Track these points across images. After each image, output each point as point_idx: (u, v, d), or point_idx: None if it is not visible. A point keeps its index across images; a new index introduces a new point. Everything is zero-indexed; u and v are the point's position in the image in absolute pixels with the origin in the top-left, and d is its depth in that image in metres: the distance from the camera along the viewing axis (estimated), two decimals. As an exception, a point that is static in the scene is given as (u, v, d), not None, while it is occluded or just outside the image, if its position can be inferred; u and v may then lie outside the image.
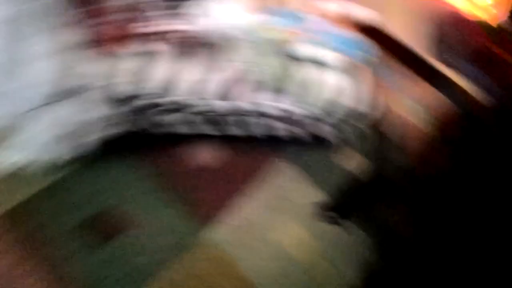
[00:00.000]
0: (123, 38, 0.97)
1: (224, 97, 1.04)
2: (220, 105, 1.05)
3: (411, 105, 1.57)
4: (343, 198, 1.23)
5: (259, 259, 1.19)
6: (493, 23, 1.68)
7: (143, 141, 1.25)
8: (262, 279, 1.16)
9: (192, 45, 1.01)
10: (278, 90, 1.03)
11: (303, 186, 1.32)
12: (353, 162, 1.38)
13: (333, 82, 1.08)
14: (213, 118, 1.11)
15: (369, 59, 1.12)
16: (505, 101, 1.08)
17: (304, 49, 1.07)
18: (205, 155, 1.30)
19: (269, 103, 1.06)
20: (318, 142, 1.28)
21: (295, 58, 1.03)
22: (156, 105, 1.03)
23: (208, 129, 1.17)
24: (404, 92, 1.61)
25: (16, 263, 1.01)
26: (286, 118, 1.12)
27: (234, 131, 1.19)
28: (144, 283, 1.07)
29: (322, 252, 1.23)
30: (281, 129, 1.18)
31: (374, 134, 1.24)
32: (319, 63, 1.09)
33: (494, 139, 0.88)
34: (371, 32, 1.68)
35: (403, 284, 0.96)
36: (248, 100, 1.05)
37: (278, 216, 1.26)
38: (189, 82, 1.01)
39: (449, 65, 1.69)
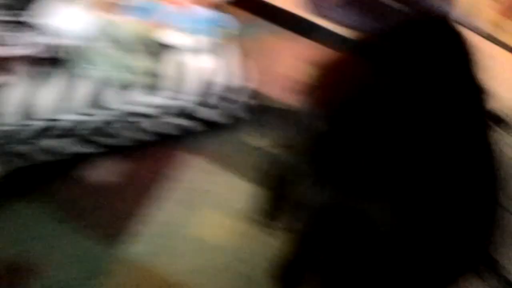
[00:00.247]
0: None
1: (96, 106, 0.99)
2: (96, 115, 1.00)
3: (295, 63, 1.59)
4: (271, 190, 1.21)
5: (184, 258, 1.17)
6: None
7: (36, 174, 1.18)
8: (192, 277, 1.14)
9: (46, 63, 0.95)
10: (150, 87, 0.99)
11: (213, 174, 1.31)
12: (256, 138, 1.39)
13: (202, 65, 1.06)
14: (99, 130, 1.06)
15: (232, 32, 1.10)
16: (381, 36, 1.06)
17: (167, 39, 1.04)
18: (106, 171, 1.25)
19: (144, 101, 1.02)
20: (214, 127, 1.27)
21: (159, 51, 0.99)
22: (24, 134, 0.97)
23: (99, 143, 1.12)
24: (286, 52, 1.62)
25: None
26: (171, 113, 1.09)
27: (125, 138, 1.14)
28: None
29: (247, 232, 1.23)
30: (172, 125, 1.14)
31: (260, 104, 1.24)
32: (185, 50, 1.06)
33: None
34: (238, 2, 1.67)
35: (332, 253, 0.95)
36: (122, 104, 1.01)
37: (194, 211, 1.24)
38: (51, 102, 0.95)
39: (325, 17, 1.72)
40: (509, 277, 1.26)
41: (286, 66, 1.60)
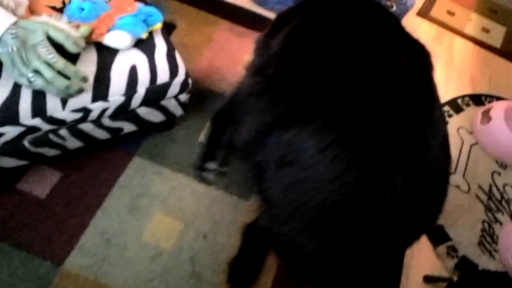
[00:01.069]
0: None
1: (38, 115, 0.93)
2: (39, 125, 0.95)
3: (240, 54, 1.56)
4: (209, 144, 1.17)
5: (133, 267, 1.12)
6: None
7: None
8: (143, 285, 1.10)
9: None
10: (80, 90, 0.94)
11: (159, 175, 1.27)
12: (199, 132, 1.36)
13: (127, 63, 1.01)
14: (41, 141, 1.00)
15: (159, 26, 1.06)
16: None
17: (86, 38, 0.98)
18: (46, 182, 1.18)
19: (79, 106, 0.97)
20: (153, 127, 1.22)
21: (78, 51, 0.92)
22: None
23: (40, 154, 1.05)
24: (231, 44, 1.59)
25: None
26: (104, 116, 1.04)
27: (67, 147, 1.08)
28: None
29: (200, 231, 1.20)
30: (107, 128, 1.09)
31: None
32: (107, 48, 1.00)
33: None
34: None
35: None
36: (65, 111, 0.95)
37: (143, 215, 1.20)
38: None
39: (266, 7, 1.70)
40: (453, 242, 1.31)
41: (231, 58, 1.58)
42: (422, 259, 1.28)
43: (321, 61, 0.81)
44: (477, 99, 1.78)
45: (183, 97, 1.14)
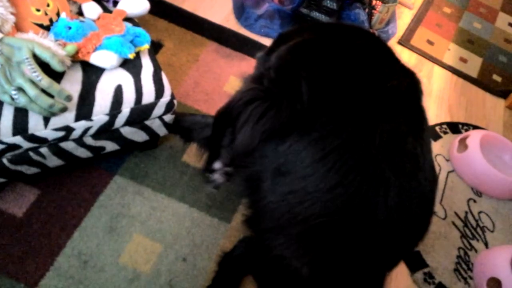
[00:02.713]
0: None
1: (19, 133, 0.91)
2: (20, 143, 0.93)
3: (225, 76, 1.58)
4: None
5: (110, 289, 1.10)
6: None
7: None
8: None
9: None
10: (64, 109, 0.93)
11: (140, 195, 1.25)
12: (182, 153, 1.35)
13: (112, 82, 1.00)
14: (21, 159, 0.98)
15: (145, 47, 1.07)
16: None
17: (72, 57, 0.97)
18: (22, 201, 1.15)
19: (62, 124, 0.95)
20: (135, 146, 1.21)
21: (63, 69, 0.91)
22: None
23: (19, 172, 1.03)
24: (216, 65, 1.61)
25: None
26: (87, 135, 1.03)
27: (46, 165, 1.06)
28: None
29: (179, 254, 1.19)
30: (89, 147, 1.07)
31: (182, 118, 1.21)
32: (94, 67, 1.00)
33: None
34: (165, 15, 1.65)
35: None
36: (46, 129, 0.93)
37: (121, 237, 1.18)
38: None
39: (251, 29, 1.73)
40: (429, 268, 1.32)
41: (217, 79, 1.59)
42: (399, 285, 1.30)
43: (318, 77, 0.83)
44: (455, 127, 1.83)
45: (168, 117, 1.13)
